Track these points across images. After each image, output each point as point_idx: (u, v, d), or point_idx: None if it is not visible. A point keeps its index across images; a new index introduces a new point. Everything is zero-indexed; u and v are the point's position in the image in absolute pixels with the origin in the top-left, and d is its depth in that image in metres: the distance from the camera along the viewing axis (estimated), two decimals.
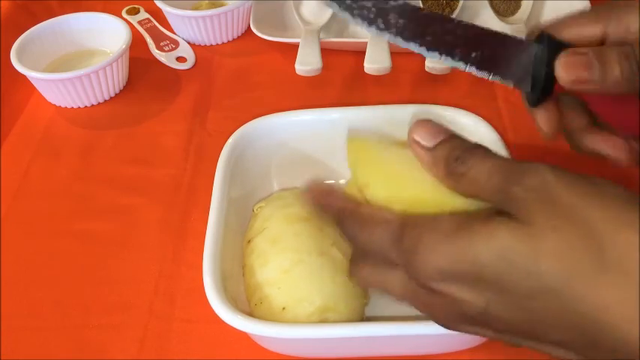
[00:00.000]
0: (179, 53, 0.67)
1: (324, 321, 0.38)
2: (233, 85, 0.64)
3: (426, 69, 0.57)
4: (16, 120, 0.61)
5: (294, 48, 0.60)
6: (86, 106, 0.62)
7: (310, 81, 0.60)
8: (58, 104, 0.62)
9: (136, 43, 0.65)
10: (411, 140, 0.29)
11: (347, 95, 0.62)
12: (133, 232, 0.50)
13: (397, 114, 0.47)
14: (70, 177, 0.55)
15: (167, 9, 0.66)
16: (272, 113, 0.48)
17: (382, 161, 0.32)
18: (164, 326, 0.44)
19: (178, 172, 0.55)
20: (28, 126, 0.61)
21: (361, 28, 0.30)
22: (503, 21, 0.65)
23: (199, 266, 0.38)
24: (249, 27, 0.68)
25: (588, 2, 0.64)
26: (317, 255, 0.39)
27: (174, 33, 0.70)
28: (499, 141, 0.44)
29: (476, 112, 0.47)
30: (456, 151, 0.28)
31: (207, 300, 0.36)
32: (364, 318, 0.41)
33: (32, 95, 0.64)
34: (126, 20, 0.68)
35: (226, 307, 0.35)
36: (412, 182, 0.30)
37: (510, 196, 0.25)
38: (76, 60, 0.64)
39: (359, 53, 0.60)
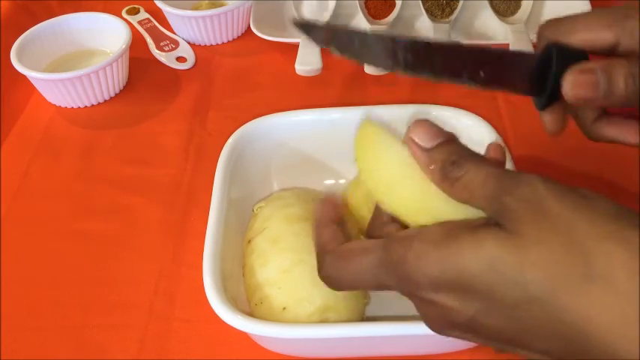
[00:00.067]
0: (179, 53, 0.67)
1: (325, 321, 0.38)
2: (233, 85, 0.64)
3: None
4: (16, 120, 0.62)
5: (294, 48, 0.60)
6: (86, 106, 0.62)
7: (310, 81, 0.60)
8: (58, 104, 0.62)
9: (136, 43, 0.65)
10: (409, 140, 0.30)
11: (347, 95, 0.62)
12: (133, 232, 0.50)
13: (397, 114, 0.47)
14: (70, 177, 0.55)
15: (167, 9, 0.67)
16: (272, 113, 0.49)
17: (386, 159, 0.32)
18: (164, 326, 0.44)
19: (178, 172, 0.55)
20: (28, 126, 0.61)
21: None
22: (503, 21, 0.65)
23: (199, 266, 0.38)
24: (249, 27, 0.68)
25: (588, 2, 0.64)
26: None
27: (174, 33, 0.70)
28: (499, 141, 0.44)
29: (476, 112, 0.47)
30: (453, 156, 0.28)
31: (207, 300, 0.36)
32: (364, 318, 0.41)
33: (32, 95, 0.64)
34: (126, 20, 0.68)
35: (226, 307, 0.35)
36: (408, 186, 0.30)
37: (502, 206, 0.25)
38: (76, 60, 0.64)
39: None
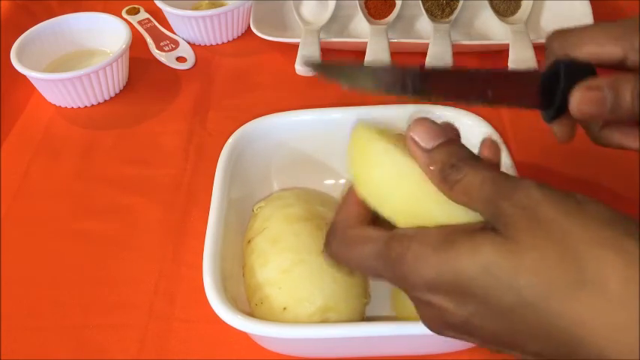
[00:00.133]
0: (179, 53, 0.67)
1: (325, 321, 0.38)
2: (233, 85, 0.64)
3: None
4: (16, 120, 0.61)
5: (294, 48, 0.60)
6: (86, 106, 0.62)
7: (310, 81, 0.60)
8: (58, 104, 0.62)
9: (136, 43, 0.65)
10: (409, 139, 0.30)
11: (347, 95, 0.61)
12: (133, 232, 0.50)
13: (397, 114, 0.47)
14: (70, 177, 0.55)
15: (167, 9, 0.67)
16: (272, 113, 0.49)
17: (378, 166, 0.32)
18: (164, 326, 0.44)
19: (178, 172, 0.55)
20: (28, 126, 0.61)
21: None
22: (503, 21, 0.65)
23: (199, 266, 0.38)
24: (249, 27, 0.68)
25: (588, 2, 0.64)
26: (317, 254, 0.39)
27: (174, 33, 0.70)
28: (499, 141, 0.44)
29: (476, 112, 0.47)
30: (452, 159, 0.28)
31: (207, 300, 0.36)
32: (365, 318, 0.41)
33: (32, 95, 0.64)
34: (126, 20, 0.68)
35: (226, 307, 0.35)
36: (401, 193, 0.30)
37: (498, 211, 0.26)
38: (76, 60, 0.64)
39: (359, 53, 0.60)
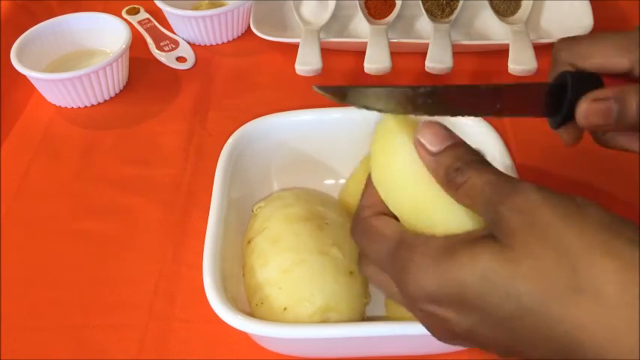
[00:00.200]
0: (179, 53, 0.67)
1: (326, 321, 0.38)
2: (233, 85, 0.64)
3: (426, 69, 0.57)
4: (16, 120, 0.61)
5: (294, 48, 0.60)
6: (86, 106, 0.62)
7: (310, 81, 0.59)
8: (58, 104, 0.62)
9: (136, 43, 0.65)
10: (417, 142, 0.30)
11: None
12: (133, 232, 0.50)
13: None
14: (70, 177, 0.55)
15: (167, 9, 0.66)
16: (272, 113, 0.49)
17: (394, 159, 0.32)
18: (164, 326, 0.44)
19: (178, 172, 0.55)
20: (28, 126, 0.61)
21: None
22: (503, 21, 0.65)
23: (199, 266, 0.38)
24: (249, 27, 0.68)
25: (588, 2, 0.64)
26: (318, 254, 0.39)
27: (174, 33, 0.70)
28: (499, 141, 0.44)
29: None
30: (458, 162, 0.28)
31: (207, 300, 0.36)
32: (365, 318, 0.41)
33: (32, 95, 0.64)
34: (126, 20, 0.68)
35: (226, 307, 0.35)
36: (409, 191, 0.31)
37: (497, 215, 0.26)
38: (76, 60, 0.64)
39: (359, 53, 0.60)
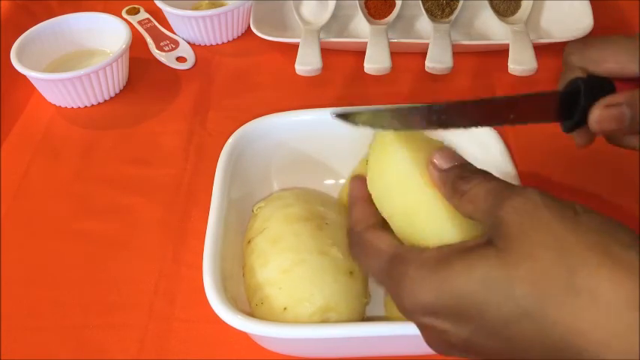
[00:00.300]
0: (179, 53, 0.67)
1: (326, 321, 0.38)
2: (233, 85, 0.64)
3: (426, 69, 0.57)
4: (16, 120, 0.61)
5: (294, 48, 0.60)
6: (86, 106, 0.62)
7: (310, 81, 0.60)
8: (58, 104, 0.62)
9: (136, 43, 0.65)
10: (430, 163, 0.31)
11: (347, 95, 0.62)
12: (133, 232, 0.50)
13: None
14: (70, 177, 0.55)
15: (167, 9, 0.66)
16: (272, 113, 0.48)
17: (390, 167, 0.34)
18: (164, 326, 0.44)
19: (178, 172, 0.55)
20: (28, 126, 0.61)
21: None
22: (503, 21, 0.65)
23: (199, 266, 0.38)
24: (249, 27, 0.68)
25: (588, 2, 0.64)
26: (317, 254, 0.39)
27: (174, 33, 0.70)
28: (499, 141, 0.44)
29: None
30: (465, 172, 0.30)
31: (207, 300, 0.36)
32: (365, 318, 0.41)
33: (32, 95, 0.64)
34: (126, 20, 0.68)
35: (226, 307, 0.35)
36: (402, 199, 0.32)
37: (496, 220, 0.26)
38: (76, 60, 0.64)
39: (359, 53, 0.60)
